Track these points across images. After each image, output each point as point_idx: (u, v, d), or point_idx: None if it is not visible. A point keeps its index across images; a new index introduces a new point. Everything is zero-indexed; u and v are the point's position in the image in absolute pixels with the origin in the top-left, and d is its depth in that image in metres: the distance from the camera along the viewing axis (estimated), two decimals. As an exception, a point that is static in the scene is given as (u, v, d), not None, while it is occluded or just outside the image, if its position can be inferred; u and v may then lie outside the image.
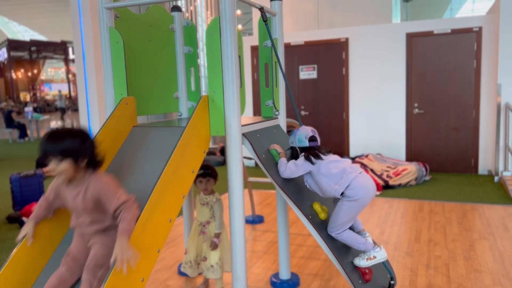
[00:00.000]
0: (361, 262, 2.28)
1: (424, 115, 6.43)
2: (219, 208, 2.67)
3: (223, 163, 7.58)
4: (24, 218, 4.45)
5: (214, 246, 2.62)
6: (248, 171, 5.32)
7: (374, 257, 2.26)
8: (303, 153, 2.24)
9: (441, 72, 6.27)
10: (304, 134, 2.25)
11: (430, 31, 6.24)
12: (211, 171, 2.70)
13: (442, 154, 6.39)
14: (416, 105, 6.44)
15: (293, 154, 2.31)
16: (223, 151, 7.88)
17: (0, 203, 5.12)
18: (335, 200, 2.29)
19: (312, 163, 2.20)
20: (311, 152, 2.22)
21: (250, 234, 3.98)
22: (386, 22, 7.42)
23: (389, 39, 6.47)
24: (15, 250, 1.74)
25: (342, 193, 2.16)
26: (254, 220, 4.31)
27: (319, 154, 2.22)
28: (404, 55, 6.39)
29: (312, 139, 2.24)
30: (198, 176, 2.64)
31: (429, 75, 6.34)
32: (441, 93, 6.31)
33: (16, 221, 4.57)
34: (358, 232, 2.34)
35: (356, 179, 2.15)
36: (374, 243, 2.33)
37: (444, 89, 6.29)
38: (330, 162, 2.21)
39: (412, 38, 6.34)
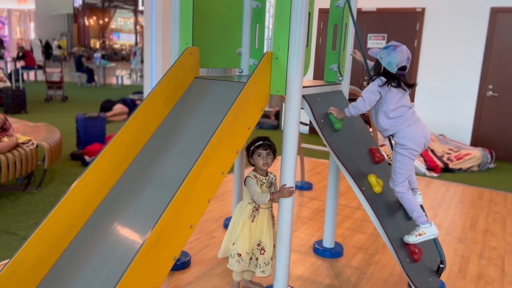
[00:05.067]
0: (410, 238, 2.20)
1: (498, 98, 5.95)
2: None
3: (277, 127, 7.64)
4: (86, 157, 4.72)
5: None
6: (302, 137, 5.25)
7: (424, 233, 2.16)
8: (379, 78, 2.14)
9: (525, 53, 5.72)
10: (398, 60, 2.09)
11: (520, 6, 5.66)
12: (272, 144, 2.24)
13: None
14: (490, 87, 5.97)
15: (377, 67, 2.19)
16: (277, 115, 7.85)
17: (66, 141, 5.45)
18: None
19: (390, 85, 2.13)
20: (394, 80, 2.12)
21: (296, 200, 3.97)
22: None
23: (470, 12, 5.95)
24: (74, 184, 1.83)
25: (389, 137, 2.28)
26: (303, 187, 4.29)
27: (401, 83, 2.14)
28: (485, 31, 5.88)
29: (402, 68, 2.11)
30: (257, 148, 2.21)
31: (510, 56, 5.81)
32: (521, 77, 5.79)
33: (78, 158, 4.87)
34: (412, 189, 2.34)
35: (406, 129, 2.16)
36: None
37: (526, 72, 5.76)
38: (399, 103, 2.16)
39: (497, 14, 5.80)
